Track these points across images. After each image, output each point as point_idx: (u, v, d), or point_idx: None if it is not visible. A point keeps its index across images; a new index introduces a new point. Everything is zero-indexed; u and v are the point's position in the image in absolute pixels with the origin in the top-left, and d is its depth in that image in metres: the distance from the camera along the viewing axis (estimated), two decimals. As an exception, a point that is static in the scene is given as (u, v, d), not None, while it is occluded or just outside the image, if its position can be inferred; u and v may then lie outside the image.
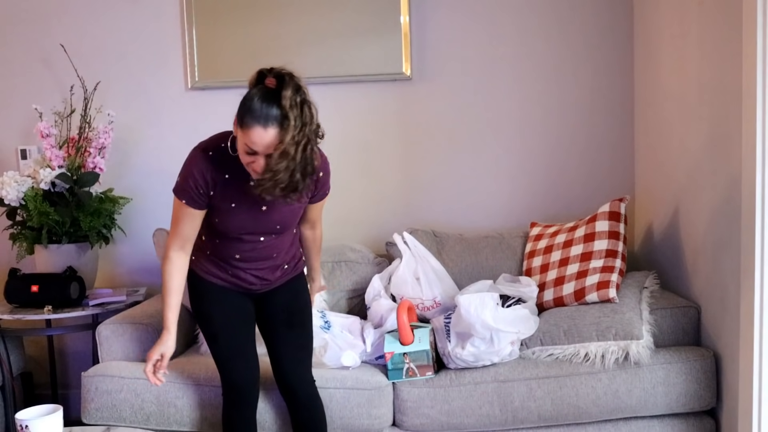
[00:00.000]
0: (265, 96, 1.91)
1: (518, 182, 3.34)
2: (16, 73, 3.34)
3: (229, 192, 2.07)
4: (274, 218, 2.14)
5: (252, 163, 1.94)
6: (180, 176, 2.09)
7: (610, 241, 2.78)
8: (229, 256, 2.20)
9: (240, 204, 2.09)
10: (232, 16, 3.26)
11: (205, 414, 2.42)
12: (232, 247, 2.18)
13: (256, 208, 2.11)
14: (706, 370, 2.47)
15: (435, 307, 2.78)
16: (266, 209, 2.12)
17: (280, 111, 1.89)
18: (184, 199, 2.08)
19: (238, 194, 2.07)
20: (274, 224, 2.16)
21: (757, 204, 2.18)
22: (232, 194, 2.08)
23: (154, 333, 2.64)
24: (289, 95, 1.90)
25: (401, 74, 3.27)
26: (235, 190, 2.07)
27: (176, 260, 2.13)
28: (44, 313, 2.85)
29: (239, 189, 2.06)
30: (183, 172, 2.08)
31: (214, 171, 2.04)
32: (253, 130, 1.89)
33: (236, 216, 2.11)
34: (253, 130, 1.89)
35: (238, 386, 2.25)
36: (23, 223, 3.04)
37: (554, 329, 2.55)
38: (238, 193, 2.07)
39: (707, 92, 2.53)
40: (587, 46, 3.27)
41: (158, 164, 3.35)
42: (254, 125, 1.89)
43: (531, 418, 2.46)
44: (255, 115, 1.89)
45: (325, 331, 2.63)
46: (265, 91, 1.92)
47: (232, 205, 2.09)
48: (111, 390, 2.44)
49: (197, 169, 2.05)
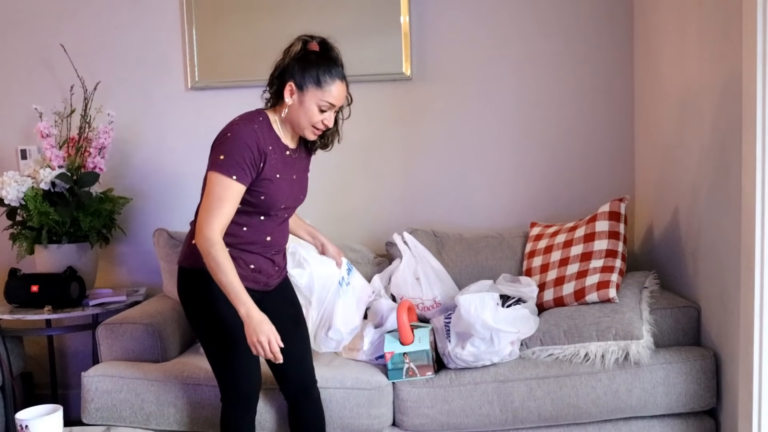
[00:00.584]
0: (325, 57, 2.13)
1: (518, 182, 3.34)
2: (16, 73, 3.34)
3: (274, 163, 2.12)
4: (302, 187, 2.28)
5: (323, 120, 2.14)
6: (225, 153, 2.04)
7: (610, 241, 2.78)
8: (261, 239, 2.16)
9: (282, 174, 2.15)
10: (232, 16, 3.26)
11: (205, 414, 2.42)
12: (266, 226, 2.17)
13: (291, 178, 2.20)
14: (706, 370, 2.47)
15: (435, 307, 2.78)
16: (296, 178, 2.22)
17: (341, 67, 2.16)
18: (235, 174, 2.02)
19: (281, 165, 2.15)
20: (300, 194, 2.28)
21: (757, 204, 2.18)
22: (276, 165, 2.13)
23: (154, 333, 2.65)
24: (338, 54, 2.17)
25: (401, 74, 3.27)
26: (277, 161, 2.14)
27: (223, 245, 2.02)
28: (44, 313, 2.85)
29: (280, 160, 2.15)
30: (230, 147, 2.04)
31: (263, 142, 2.09)
32: (335, 85, 2.11)
33: (280, 187, 2.15)
34: (335, 85, 2.11)
35: (246, 391, 2.22)
36: (23, 223, 3.05)
37: (554, 329, 2.55)
38: (280, 163, 2.15)
39: (707, 92, 2.53)
40: (587, 46, 3.27)
41: (158, 164, 3.35)
42: (336, 80, 2.12)
43: (531, 418, 2.46)
44: (333, 73, 2.12)
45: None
46: (320, 54, 2.14)
47: (277, 176, 2.14)
48: (111, 390, 2.45)
49: (250, 140, 2.05)
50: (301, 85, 2.10)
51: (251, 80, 3.28)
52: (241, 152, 2.03)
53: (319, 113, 2.12)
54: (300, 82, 2.10)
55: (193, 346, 2.89)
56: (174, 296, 3.00)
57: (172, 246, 2.98)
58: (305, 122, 2.13)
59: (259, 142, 2.07)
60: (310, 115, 2.12)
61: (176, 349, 2.79)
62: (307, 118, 2.12)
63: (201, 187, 2.17)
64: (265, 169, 2.09)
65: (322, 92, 2.10)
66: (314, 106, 2.11)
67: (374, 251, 3.13)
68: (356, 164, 3.33)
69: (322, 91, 2.10)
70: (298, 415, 2.33)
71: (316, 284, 2.43)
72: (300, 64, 2.11)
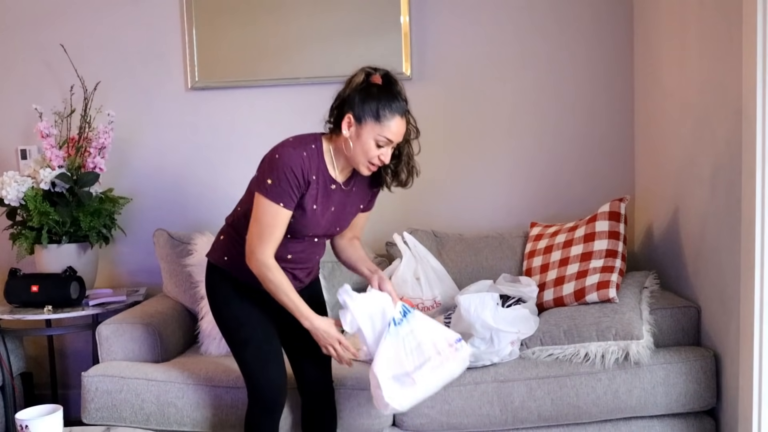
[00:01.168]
0: (386, 91, 2.08)
1: (518, 182, 3.34)
2: (16, 73, 3.34)
3: (314, 193, 2.11)
4: (339, 220, 2.22)
5: (380, 156, 2.08)
6: (273, 179, 2.04)
7: (610, 241, 2.78)
8: (281, 255, 2.15)
9: (320, 206, 2.14)
10: (232, 16, 3.26)
11: (205, 414, 2.42)
12: (289, 246, 2.16)
13: (328, 210, 2.17)
14: (706, 370, 2.47)
15: (435, 307, 2.78)
16: (334, 210, 2.19)
17: (404, 102, 2.10)
18: (282, 202, 2.05)
19: (321, 196, 2.13)
20: (336, 226, 2.24)
21: (757, 204, 2.18)
22: (317, 196, 2.12)
23: (154, 333, 2.65)
24: (401, 89, 2.11)
25: (401, 74, 3.26)
26: (319, 192, 2.12)
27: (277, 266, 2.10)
28: (44, 313, 2.85)
29: (322, 192, 2.13)
30: (278, 174, 2.04)
31: (308, 172, 2.08)
32: (395, 121, 2.06)
33: (314, 217, 2.14)
34: (395, 121, 2.06)
35: (273, 391, 2.21)
36: (23, 223, 3.05)
37: (554, 329, 2.55)
38: (321, 195, 2.13)
39: (707, 92, 2.53)
40: (587, 46, 3.27)
41: (158, 164, 3.35)
42: (395, 116, 2.06)
43: (531, 418, 2.46)
44: (394, 108, 2.06)
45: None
46: (382, 87, 2.08)
47: (314, 207, 2.12)
48: (111, 390, 2.44)
49: (296, 169, 2.05)
50: (359, 117, 2.05)
51: (251, 80, 3.31)
52: (288, 179, 2.04)
53: (376, 148, 2.07)
54: (359, 115, 2.05)
55: (193, 346, 2.90)
56: (174, 296, 3.00)
57: (172, 246, 2.99)
58: (361, 156, 2.08)
59: (305, 170, 2.06)
60: (367, 150, 2.07)
61: (176, 349, 2.80)
62: (363, 153, 2.07)
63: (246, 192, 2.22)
64: (304, 198, 2.09)
65: (380, 127, 2.05)
66: (371, 141, 2.06)
67: (374, 251, 3.13)
68: (356, 164, 3.33)
69: (380, 126, 2.05)
70: (313, 414, 2.33)
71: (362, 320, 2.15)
72: (360, 96, 2.06)
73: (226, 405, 2.41)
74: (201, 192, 3.36)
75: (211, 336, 2.76)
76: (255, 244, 2.08)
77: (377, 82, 2.08)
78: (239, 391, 2.40)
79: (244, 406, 2.39)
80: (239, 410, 2.40)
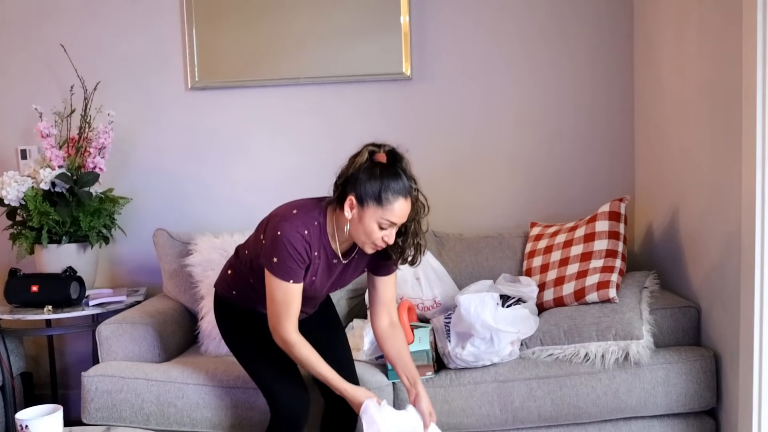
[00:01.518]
0: (390, 171, 2.02)
1: (518, 182, 3.34)
2: (16, 73, 3.34)
3: (314, 268, 2.12)
4: (336, 284, 2.24)
5: (383, 237, 2.03)
6: (278, 257, 2.04)
7: (610, 241, 2.78)
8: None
9: (319, 278, 2.16)
10: (232, 16, 3.26)
11: (205, 414, 2.42)
12: None
13: (328, 280, 2.19)
14: (706, 370, 2.47)
15: (435, 307, 2.78)
16: (335, 279, 2.20)
17: (409, 182, 2.04)
18: (291, 278, 2.06)
19: (321, 270, 2.14)
20: (334, 288, 2.27)
21: (757, 204, 2.18)
22: (317, 269, 2.13)
23: (154, 333, 2.65)
24: (405, 166, 2.06)
25: (401, 74, 3.27)
26: (319, 266, 2.13)
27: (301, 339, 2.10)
28: (44, 313, 2.85)
29: (323, 266, 2.13)
30: (281, 253, 2.04)
31: (311, 250, 2.07)
32: (398, 203, 2.00)
33: (312, 288, 2.16)
34: (398, 203, 2.00)
35: (289, 410, 2.19)
36: (23, 223, 3.04)
37: (554, 329, 2.55)
38: (321, 269, 2.13)
39: (707, 92, 2.53)
40: (587, 46, 3.27)
41: (158, 164, 3.35)
42: (399, 198, 2.00)
43: (531, 418, 2.46)
44: (396, 189, 2.00)
45: None
46: (385, 167, 2.03)
47: (313, 279, 2.14)
48: (111, 390, 2.44)
49: (299, 248, 2.04)
50: (361, 199, 2.01)
51: (251, 80, 3.31)
52: (292, 257, 2.04)
53: (379, 230, 2.02)
54: (361, 197, 2.01)
55: (193, 345, 2.90)
56: (174, 296, 3.00)
57: (171, 246, 2.99)
58: (364, 238, 2.05)
59: (307, 249, 2.06)
60: (370, 232, 2.02)
61: (176, 349, 2.80)
62: (366, 234, 2.03)
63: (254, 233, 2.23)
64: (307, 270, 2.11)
65: (383, 210, 1.99)
66: (374, 224, 2.01)
67: (374, 251, 3.13)
68: (356, 164, 3.33)
69: (383, 209, 1.99)
70: (334, 413, 2.31)
71: None
72: (363, 177, 2.01)
73: (226, 405, 2.42)
74: (201, 192, 3.36)
75: (211, 336, 2.77)
76: (275, 322, 2.10)
77: (381, 161, 2.04)
78: (239, 391, 2.41)
79: (243, 405, 2.40)
80: (239, 410, 2.40)
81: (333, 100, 3.32)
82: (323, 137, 3.33)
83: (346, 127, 3.32)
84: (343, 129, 3.32)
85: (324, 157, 3.29)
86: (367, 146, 2.06)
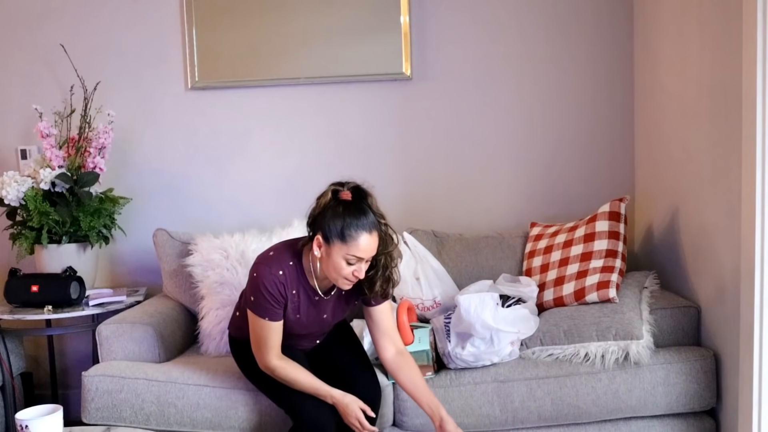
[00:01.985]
0: (353, 208, 2.08)
1: (518, 182, 3.34)
2: (16, 73, 3.34)
3: (296, 305, 2.21)
4: (330, 320, 2.32)
5: (354, 272, 2.09)
6: (254, 295, 2.16)
7: (610, 241, 2.78)
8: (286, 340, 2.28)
9: (304, 315, 2.24)
10: (232, 16, 3.26)
11: (205, 415, 2.42)
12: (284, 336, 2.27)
13: (317, 317, 2.27)
14: (706, 370, 2.47)
15: (435, 307, 2.78)
16: (325, 317, 2.29)
17: (374, 217, 2.09)
18: (267, 316, 2.16)
19: (305, 307, 2.22)
20: (329, 325, 2.35)
21: (757, 204, 2.18)
22: (300, 307, 2.22)
23: (154, 333, 2.65)
24: (371, 202, 2.12)
25: (401, 74, 3.27)
26: (301, 303, 2.21)
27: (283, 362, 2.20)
28: (44, 313, 2.85)
29: (305, 303, 2.22)
30: (257, 291, 2.15)
31: (286, 288, 2.16)
32: (362, 239, 2.06)
33: (298, 324, 2.24)
34: (362, 239, 2.06)
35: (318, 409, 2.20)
36: (23, 223, 3.04)
37: (554, 329, 2.55)
38: (304, 306, 2.22)
39: (707, 92, 2.53)
40: (587, 46, 3.27)
41: (158, 164, 3.35)
42: (362, 234, 2.06)
43: (531, 418, 2.46)
44: (360, 226, 2.06)
45: None
46: (349, 204, 2.09)
47: (298, 316, 2.23)
48: (111, 390, 2.44)
49: (272, 289, 2.14)
50: (327, 238, 2.08)
51: (251, 80, 3.31)
52: (266, 297, 2.14)
53: (348, 266, 2.08)
54: (326, 235, 2.08)
55: (193, 346, 2.90)
56: (174, 296, 3.00)
57: (172, 246, 2.98)
58: (335, 274, 2.11)
59: (281, 290, 2.15)
60: (338, 269, 2.09)
61: (176, 349, 2.80)
62: (336, 271, 2.10)
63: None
64: (286, 308, 2.19)
65: (347, 246, 2.05)
66: (341, 260, 2.07)
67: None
68: (356, 164, 3.33)
69: (347, 246, 2.05)
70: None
71: None
72: (327, 216, 2.08)
73: (226, 406, 2.41)
74: (201, 192, 3.36)
75: (211, 336, 2.77)
76: (256, 352, 2.22)
77: (346, 198, 2.10)
78: (240, 392, 2.41)
79: (244, 407, 2.39)
80: (240, 411, 2.40)
81: (333, 100, 3.32)
82: (323, 137, 3.33)
83: (346, 127, 3.32)
84: (344, 129, 3.32)
85: (324, 157, 3.31)
86: (332, 185, 2.14)
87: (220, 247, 2.86)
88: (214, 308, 2.78)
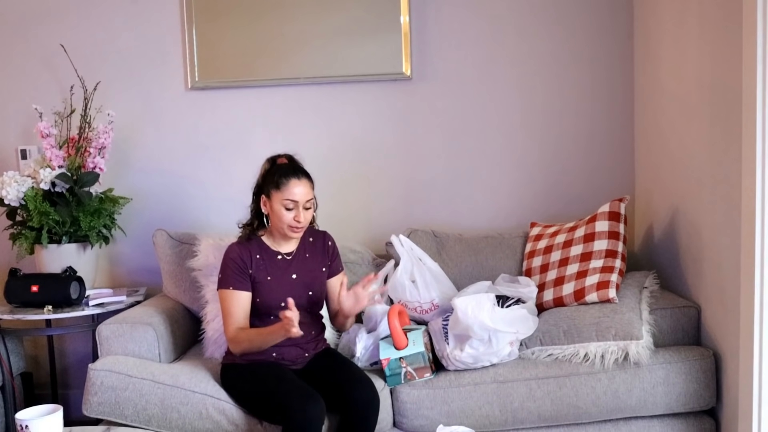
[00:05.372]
0: (287, 166, 2.43)
1: (518, 182, 3.34)
2: (16, 73, 3.34)
3: (263, 267, 2.44)
4: (305, 283, 2.48)
5: (294, 218, 2.38)
6: (220, 272, 2.45)
7: (610, 241, 2.78)
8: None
9: (274, 276, 2.45)
10: (232, 16, 3.26)
11: (206, 425, 2.37)
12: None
13: (289, 278, 2.46)
14: (706, 370, 2.47)
15: (433, 310, 2.78)
16: (296, 278, 2.47)
17: (303, 169, 2.44)
18: (231, 285, 2.41)
19: (272, 268, 2.45)
20: (306, 290, 2.48)
21: (757, 204, 2.18)
22: (266, 268, 2.45)
23: (154, 333, 2.64)
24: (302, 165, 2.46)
25: (401, 74, 3.27)
26: (267, 264, 2.45)
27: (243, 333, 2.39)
28: (44, 313, 2.85)
29: (271, 264, 2.46)
30: (223, 266, 2.45)
31: (250, 253, 2.44)
32: (291, 182, 2.37)
33: (273, 288, 2.43)
34: (291, 182, 2.37)
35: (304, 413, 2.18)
36: (23, 223, 3.04)
37: (554, 329, 2.55)
38: (271, 267, 2.45)
39: (707, 92, 2.53)
40: (587, 45, 3.27)
41: (158, 164, 3.35)
42: (291, 179, 2.38)
43: (531, 419, 2.46)
44: (287, 172, 2.39)
45: None
46: (284, 164, 2.44)
47: (269, 278, 2.44)
48: (116, 386, 2.40)
49: (234, 255, 2.44)
50: (267, 193, 2.41)
51: (251, 80, 3.31)
52: (230, 266, 2.42)
53: (287, 212, 2.38)
54: (267, 191, 2.42)
55: (194, 346, 2.89)
56: (174, 296, 3.00)
57: (172, 246, 2.98)
58: (280, 224, 2.40)
59: (242, 255, 2.43)
60: (281, 216, 2.39)
61: (176, 349, 2.79)
62: (280, 220, 2.39)
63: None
64: (254, 274, 2.43)
65: (281, 193, 2.37)
66: (281, 208, 2.38)
67: (374, 251, 3.13)
68: (356, 164, 3.33)
69: (281, 192, 2.37)
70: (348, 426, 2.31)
71: None
72: (266, 177, 2.44)
73: (227, 421, 2.36)
74: (201, 192, 3.36)
75: (218, 343, 2.71)
76: (225, 330, 2.45)
77: (282, 162, 2.45)
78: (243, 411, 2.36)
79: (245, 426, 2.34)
80: (239, 429, 2.36)
81: (333, 100, 3.32)
82: (323, 137, 3.33)
83: (346, 127, 3.33)
84: (343, 129, 3.32)
85: (324, 156, 3.30)
86: (269, 158, 2.49)
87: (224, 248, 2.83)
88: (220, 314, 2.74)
